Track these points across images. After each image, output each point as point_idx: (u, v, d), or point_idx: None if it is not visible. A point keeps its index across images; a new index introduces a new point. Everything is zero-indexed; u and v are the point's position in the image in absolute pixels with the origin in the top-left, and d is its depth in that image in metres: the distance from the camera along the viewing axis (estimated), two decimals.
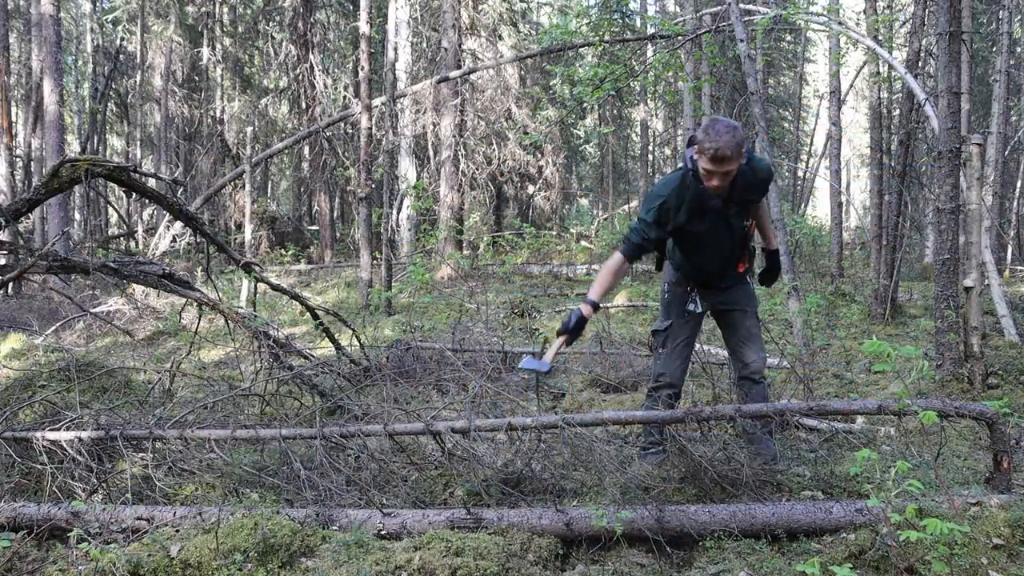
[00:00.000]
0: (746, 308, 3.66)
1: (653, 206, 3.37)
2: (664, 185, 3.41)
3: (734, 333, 3.66)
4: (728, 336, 3.70)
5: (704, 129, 3.17)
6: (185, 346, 6.57)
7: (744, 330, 3.63)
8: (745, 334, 3.63)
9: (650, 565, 2.71)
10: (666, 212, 3.36)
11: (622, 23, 18.27)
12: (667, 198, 3.35)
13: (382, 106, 12.16)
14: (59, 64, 13.39)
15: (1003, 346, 6.21)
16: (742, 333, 3.63)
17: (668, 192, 3.35)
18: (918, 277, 13.56)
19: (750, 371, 3.58)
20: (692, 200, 3.33)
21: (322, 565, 2.59)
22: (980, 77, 18.60)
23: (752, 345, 3.62)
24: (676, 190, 3.35)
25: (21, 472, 3.49)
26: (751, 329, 3.65)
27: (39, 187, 4.20)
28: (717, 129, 3.12)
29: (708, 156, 3.13)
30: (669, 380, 3.60)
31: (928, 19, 7.85)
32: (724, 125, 3.14)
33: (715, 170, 3.15)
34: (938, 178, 5.14)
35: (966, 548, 2.36)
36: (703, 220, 3.39)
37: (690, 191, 3.33)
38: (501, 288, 11.99)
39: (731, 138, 3.10)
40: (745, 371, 3.59)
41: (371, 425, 3.55)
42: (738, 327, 3.64)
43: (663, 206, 3.35)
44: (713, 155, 3.11)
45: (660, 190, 3.40)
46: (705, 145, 3.13)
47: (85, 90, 24.70)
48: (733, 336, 3.67)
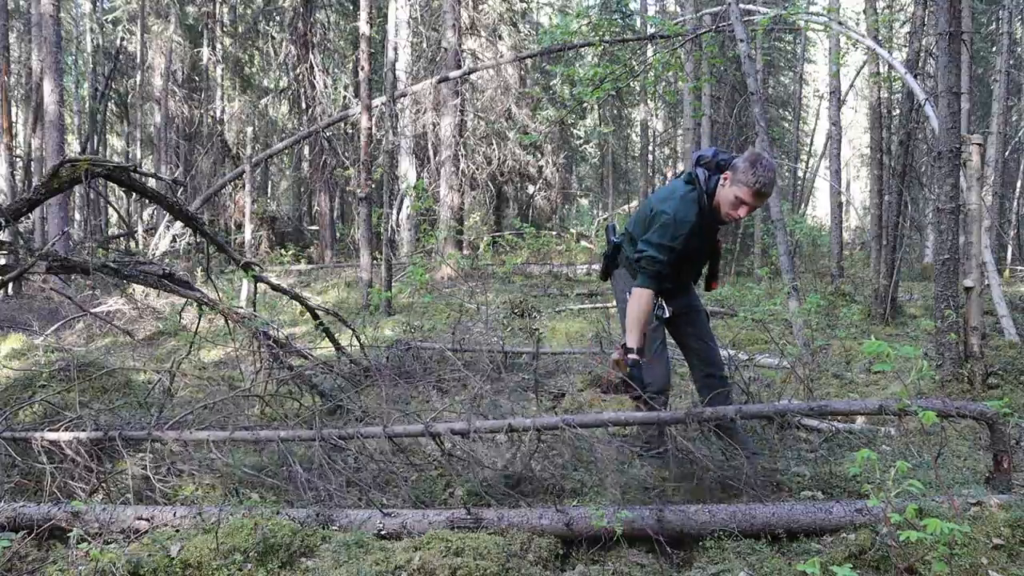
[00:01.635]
0: (699, 307, 3.71)
1: (682, 233, 3.30)
2: (686, 211, 3.33)
3: (697, 332, 3.66)
4: (689, 336, 3.69)
5: (749, 161, 3.20)
6: (185, 346, 6.57)
7: (706, 328, 3.67)
8: (707, 332, 3.66)
9: (650, 565, 2.71)
10: (689, 237, 3.33)
11: (622, 23, 18.27)
12: (693, 224, 3.32)
13: (382, 106, 12.16)
14: (59, 64, 13.39)
15: (1003, 346, 6.20)
16: (704, 331, 3.65)
17: (693, 218, 3.32)
18: (918, 277, 13.57)
19: (716, 368, 3.60)
20: (704, 221, 3.37)
21: (322, 565, 2.59)
22: (980, 77, 18.60)
23: (715, 342, 3.68)
24: (697, 215, 3.33)
25: (21, 472, 3.49)
26: (706, 327, 3.70)
27: (39, 187, 4.20)
28: (765, 165, 3.18)
29: (752, 190, 3.17)
30: (657, 387, 3.57)
31: (928, 19, 7.85)
32: (768, 162, 3.21)
33: (751, 203, 3.21)
34: (938, 178, 5.14)
35: (966, 548, 2.36)
36: (701, 237, 3.43)
37: (704, 213, 3.35)
38: (501, 288, 11.99)
39: (774, 176, 3.20)
40: (711, 368, 3.60)
41: (370, 427, 3.55)
42: (700, 326, 3.67)
43: (690, 232, 3.31)
44: (758, 191, 3.17)
45: (684, 216, 3.31)
46: (750, 179, 3.16)
47: (85, 90, 24.68)
48: (695, 335, 3.67)
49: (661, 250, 3.28)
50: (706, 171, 3.39)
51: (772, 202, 6.80)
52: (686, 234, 3.29)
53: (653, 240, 3.31)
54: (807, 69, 26.02)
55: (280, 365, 4.88)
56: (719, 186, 3.32)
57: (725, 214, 3.30)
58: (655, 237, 3.31)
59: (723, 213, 3.30)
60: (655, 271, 3.29)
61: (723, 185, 3.29)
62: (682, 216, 3.31)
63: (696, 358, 3.67)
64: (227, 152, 20.66)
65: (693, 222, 3.30)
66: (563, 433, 3.19)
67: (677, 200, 3.35)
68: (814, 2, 16.10)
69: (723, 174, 3.30)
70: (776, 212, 6.70)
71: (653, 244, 3.31)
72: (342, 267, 16.40)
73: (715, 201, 3.35)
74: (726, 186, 3.27)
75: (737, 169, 3.22)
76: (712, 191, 3.33)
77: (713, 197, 3.34)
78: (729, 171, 3.27)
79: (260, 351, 4.92)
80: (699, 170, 3.39)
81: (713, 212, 3.36)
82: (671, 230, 3.29)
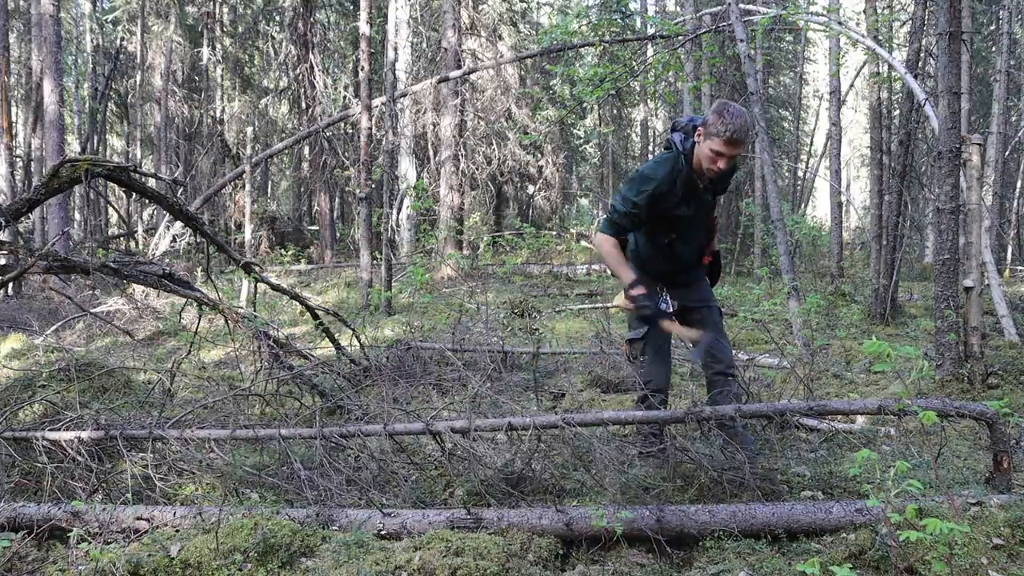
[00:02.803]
0: (712, 303, 3.67)
1: (646, 189, 3.33)
2: (655, 168, 3.36)
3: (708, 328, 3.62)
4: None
5: (717, 112, 3.18)
6: (185, 346, 6.57)
7: (713, 326, 3.62)
8: (715, 330, 3.61)
9: (650, 565, 2.71)
10: (657, 197, 3.33)
11: (622, 23, 18.27)
12: (660, 182, 3.32)
13: (382, 106, 12.16)
14: (59, 64, 13.39)
15: (1003, 346, 6.21)
16: (711, 329, 3.60)
17: (661, 176, 3.32)
18: (918, 277, 13.57)
19: (725, 366, 3.55)
20: (683, 184, 3.34)
21: (322, 565, 2.59)
22: (980, 77, 18.60)
23: (724, 340, 3.63)
24: (668, 174, 3.33)
25: (21, 472, 3.49)
26: (719, 324, 3.65)
27: (39, 187, 4.20)
28: (732, 112, 3.16)
29: (724, 138, 3.14)
30: (657, 386, 3.56)
31: (928, 19, 7.86)
32: (736, 108, 3.18)
33: (727, 153, 3.18)
34: (938, 178, 5.14)
35: (966, 548, 2.36)
36: (689, 205, 3.40)
37: (682, 175, 3.33)
38: (501, 288, 11.99)
39: (744, 121, 3.16)
40: (720, 367, 3.55)
41: (371, 425, 3.55)
42: (708, 323, 3.62)
43: (656, 190, 3.32)
44: (729, 137, 3.14)
45: (652, 172, 3.35)
46: (720, 129, 3.14)
47: (85, 90, 24.68)
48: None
49: (624, 202, 3.37)
50: (683, 134, 3.39)
51: (772, 202, 6.80)
52: (650, 191, 3.31)
53: (621, 192, 3.42)
54: (807, 69, 26.03)
55: (280, 365, 4.88)
56: (695, 145, 3.30)
57: (706, 170, 3.27)
58: (623, 189, 3.43)
59: (705, 169, 3.28)
60: (611, 219, 3.40)
61: (696, 143, 3.28)
62: (649, 172, 3.35)
63: (707, 355, 3.62)
64: (227, 152, 20.67)
65: (658, 180, 3.31)
66: (563, 432, 3.19)
67: (656, 158, 3.43)
68: (814, 2, 16.10)
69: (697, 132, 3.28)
70: (776, 212, 6.71)
71: (620, 196, 3.42)
72: (342, 267, 16.41)
73: (694, 161, 3.32)
74: (700, 142, 3.25)
75: (707, 123, 3.20)
76: (689, 152, 3.32)
77: (691, 158, 3.32)
78: (700, 127, 3.25)
79: (260, 351, 4.92)
80: (675, 135, 3.39)
81: (693, 174, 3.34)
82: (636, 184, 3.36)
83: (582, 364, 6.14)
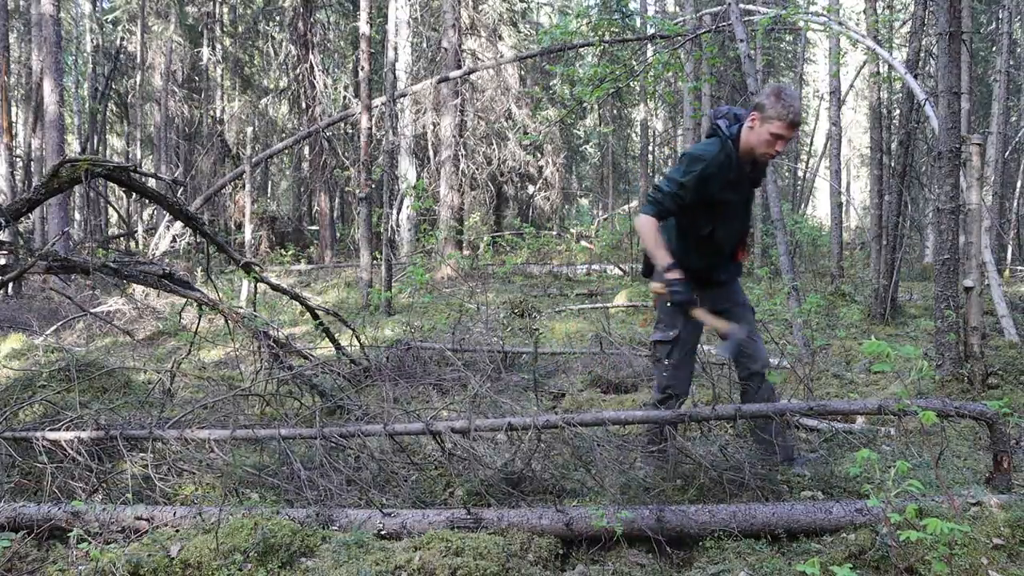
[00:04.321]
0: (745, 303, 3.62)
1: (694, 170, 3.24)
2: (705, 149, 3.29)
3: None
4: None
5: (774, 95, 3.16)
6: (185, 346, 6.58)
7: (752, 325, 3.56)
8: (752, 329, 3.55)
9: (650, 565, 2.71)
10: (705, 179, 3.26)
11: (622, 23, 18.27)
12: (709, 163, 3.26)
13: (382, 106, 12.16)
14: (59, 64, 13.39)
15: (1003, 346, 6.20)
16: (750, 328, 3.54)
17: (710, 157, 3.26)
18: (918, 277, 13.57)
19: (760, 366, 3.49)
20: (730, 170, 3.29)
21: (322, 565, 2.59)
22: (980, 77, 18.60)
23: (757, 340, 3.56)
24: (716, 156, 3.27)
25: (21, 472, 3.49)
26: (753, 324, 3.59)
27: (39, 187, 4.20)
28: (789, 94, 3.15)
29: (785, 121, 3.13)
30: (676, 392, 3.49)
31: (928, 19, 7.85)
32: (792, 91, 3.17)
33: (787, 135, 3.16)
34: (938, 178, 5.14)
35: (966, 548, 2.36)
36: (733, 191, 3.36)
37: (729, 160, 3.28)
38: (501, 288, 11.99)
39: (800, 104, 3.17)
40: (754, 366, 3.48)
41: (371, 425, 3.55)
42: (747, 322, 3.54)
43: (704, 171, 3.25)
44: (791, 120, 3.13)
45: (702, 153, 3.27)
46: (781, 111, 3.12)
47: (85, 90, 24.69)
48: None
49: (670, 183, 3.29)
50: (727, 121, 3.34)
51: (772, 202, 6.80)
52: (699, 171, 3.23)
53: (666, 174, 3.34)
54: (807, 69, 26.04)
55: (280, 365, 4.88)
56: (747, 129, 3.25)
57: (762, 154, 3.23)
58: (669, 172, 3.35)
59: (760, 153, 3.24)
60: (657, 198, 3.30)
61: (751, 127, 3.23)
62: (698, 153, 3.29)
63: (741, 355, 3.55)
64: (227, 152, 20.67)
65: (708, 160, 3.25)
66: (563, 432, 3.19)
67: (705, 142, 3.37)
68: (814, 2, 16.11)
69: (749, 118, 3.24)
70: (776, 212, 6.70)
71: (665, 177, 3.33)
72: (342, 267, 16.41)
73: (741, 147, 3.28)
74: (755, 127, 3.20)
75: (764, 107, 3.16)
76: (735, 136, 3.28)
77: (738, 143, 3.28)
78: (755, 112, 3.21)
79: (260, 351, 4.92)
80: (720, 121, 3.34)
81: (741, 160, 3.30)
82: (685, 165, 3.29)
83: (582, 364, 6.14)
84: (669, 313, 3.47)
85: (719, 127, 3.32)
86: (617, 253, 15.26)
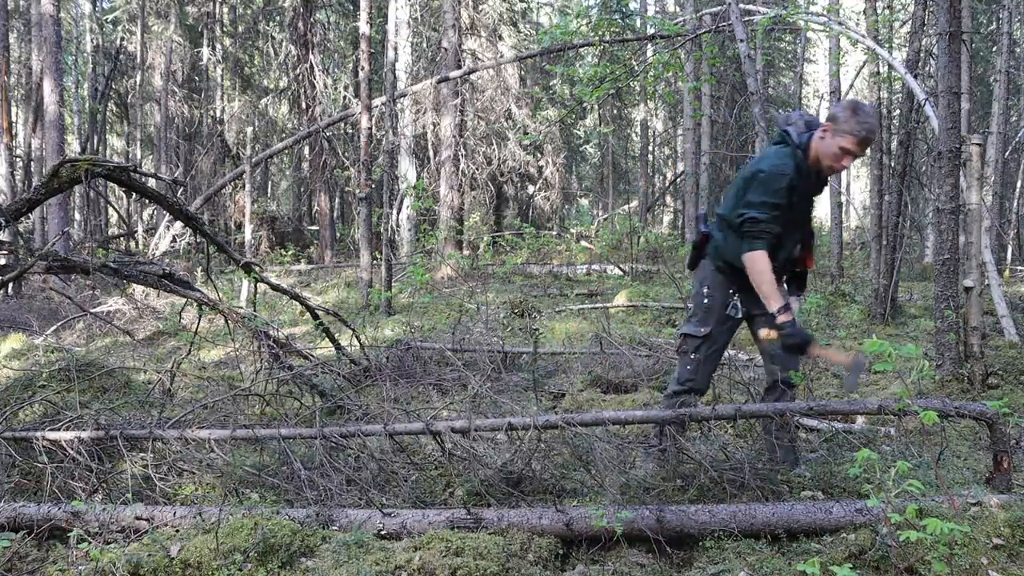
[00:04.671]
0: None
1: (781, 186, 3.18)
2: (783, 163, 3.22)
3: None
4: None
5: (851, 110, 3.13)
6: (185, 346, 6.57)
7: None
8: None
9: (650, 565, 2.71)
10: (791, 190, 3.21)
11: (622, 23, 18.28)
12: (791, 176, 3.20)
13: (382, 106, 12.16)
14: (59, 64, 13.39)
15: (1003, 346, 6.20)
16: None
17: (790, 169, 3.21)
18: (918, 277, 13.56)
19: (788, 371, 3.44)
20: (803, 179, 3.25)
21: (322, 565, 2.59)
22: (980, 77, 18.60)
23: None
24: (794, 168, 3.22)
25: (21, 472, 3.49)
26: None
27: (39, 187, 4.20)
28: (866, 111, 3.12)
29: (858, 137, 3.10)
30: (696, 387, 3.45)
31: (928, 19, 7.85)
32: (869, 108, 3.15)
33: (857, 152, 3.14)
34: (938, 178, 5.14)
35: (966, 548, 2.36)
36: (802, 200, 3.32)
37: (800, 169, 3.24)
38: (501, 288, 11.99)
39: (876, 123, 3.15)
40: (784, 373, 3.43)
41: (371, 425, 3.55)
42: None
43: (789, 184, 3.19)
44: (864, 137, 3.11)
45: (782, 168, 3.21)
46: (855, 127, 3.09)
47: (85, 90, 24.69)
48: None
49: (762, 208, 3.18)
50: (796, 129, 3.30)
51: None
52: (785, 187, 3.18)
53: (753, 200, 3.21)
54: (807, 69, 26.02)
55: (280, 365, 4.88)
56: (817, 139, 3.21)
57: (828, 167, 3.20)
58: (753, 196, 3.22)
59: (825, 166, 3.21)
60: (758, 230, 3.18)
61: (822, 138, 3.19)
62: (779, 168, 3.21)
63: (770, 360, 3.53)
64: (227, 152, 20.67)
65: (790, 174, 3.19)
66: (563, 432, 3.19)
67: (770, 156, 3.27)
68: (814, 2, 16.10)
69: (821, 127, 3.20)
70: None
71: (754, 204, 3.20)
72: (342, 267, 16.41)
73: (811, 156, 3.24)
74: (826, 138, 3.17)
75: (838, 119, 3.13)
76: (805, 146, 3.24)
77: (808, 153, 3.25)
78: (828, 123, 3.18)
79: (260, 351, 4.92)
80: (790, 128, 3.29)
81: (809, 169, 3.26)
82: (769, 184, 3.20)
83: (582, 364, 6.14)
84: (704, 309, 3.44)
85: (788, 134, 3.27)
86: (617, 253, 15.26)
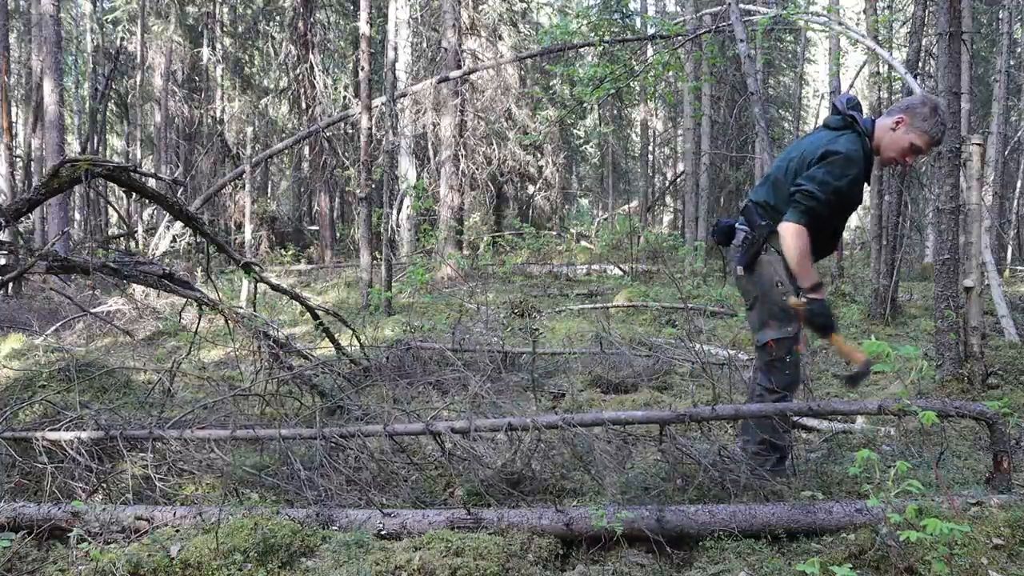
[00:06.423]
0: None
1: (850, 174, 3.03)
2: (855, 150, 3.07)
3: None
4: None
5: (931, 108, 3.07)
6: (185, 346, 6.58)
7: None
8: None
9: (650, 565, 2.71)
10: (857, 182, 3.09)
11: (622, 23, 18.27)
12: (861, 168, 3.08)
13: (382, 106, 12.16)
14: (59, 64, 13.38)
15: (1003, 346, 6.20)
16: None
17: (861, 160, 3.07)
18: (918, 277, 13.56)
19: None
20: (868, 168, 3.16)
21: (322, 565, 2.59)
22: (980, 77, 18.60)
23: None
24: (863, 158, 3.10)
25: (21, 472, 3.49)
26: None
27: (39, 187, 4.20)
28: (943, 113, 3.08)
29: (932, 137, 3.06)
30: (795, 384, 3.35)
31: (928, 19, 7.86)
32: (945, 111, 3.11)
33: (926, 153, 3.11)
34: (938, 178, 5.14)
35: (966, 548, 2.36)
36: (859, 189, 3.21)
37: (868, 158, 3.15)
38: (501, 288, 11.99)
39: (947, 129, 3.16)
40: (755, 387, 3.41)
41: (371, 425, 3.55)
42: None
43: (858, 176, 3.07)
44: (937, 139, 3.08)
45: (855, 155, 3.06)
46: (932, 128, 3.05)
47: (85, 90, 24.69)
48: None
49: (824, 187, 3.01)
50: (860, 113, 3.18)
51: None
52: (853, 176, 3.04)
53: (818, 176, 3.03)
54: (807, 69, 26.01)
55: (280, 365, 4.87)
56: (887, 129, 3.13)
57: (890, 159, 3.13)
58: (820, 173, 3.03)
59: (886, 157, 3.13)
60: (811, 206, 3.02)
61: (893, 129, 3.10)
62: (855, 154, 3.06)
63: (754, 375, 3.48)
64: (227, 152, 20.67)
65: (861, 166, 3.07)
66: (563, 432, 3.19)
67: (848, 138, 3.10)
68: (814, 2, 16.12)
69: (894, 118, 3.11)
70: None
71: (816, 180, 3.02)
72: (342, 267, 16.41)
73: (873, 143, 3.15)
74: (899, 130, 3.09)
75: (917, 115, 3.05)
76: (870, 132, 3.14)
77: (871, 139, 3.15)
78: (905, 115, 3.09)
79: (260, 351, 4.92)
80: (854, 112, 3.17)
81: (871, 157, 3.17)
82: (840, 167, 3.03)
83: (582, 364, 6.14)
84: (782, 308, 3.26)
85: (856, 119, 3.14)
86: (617, 253, 15.26)
